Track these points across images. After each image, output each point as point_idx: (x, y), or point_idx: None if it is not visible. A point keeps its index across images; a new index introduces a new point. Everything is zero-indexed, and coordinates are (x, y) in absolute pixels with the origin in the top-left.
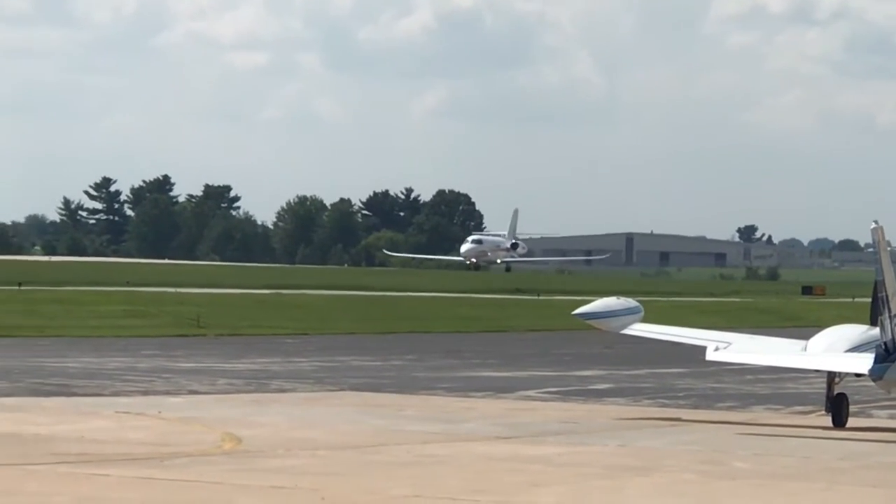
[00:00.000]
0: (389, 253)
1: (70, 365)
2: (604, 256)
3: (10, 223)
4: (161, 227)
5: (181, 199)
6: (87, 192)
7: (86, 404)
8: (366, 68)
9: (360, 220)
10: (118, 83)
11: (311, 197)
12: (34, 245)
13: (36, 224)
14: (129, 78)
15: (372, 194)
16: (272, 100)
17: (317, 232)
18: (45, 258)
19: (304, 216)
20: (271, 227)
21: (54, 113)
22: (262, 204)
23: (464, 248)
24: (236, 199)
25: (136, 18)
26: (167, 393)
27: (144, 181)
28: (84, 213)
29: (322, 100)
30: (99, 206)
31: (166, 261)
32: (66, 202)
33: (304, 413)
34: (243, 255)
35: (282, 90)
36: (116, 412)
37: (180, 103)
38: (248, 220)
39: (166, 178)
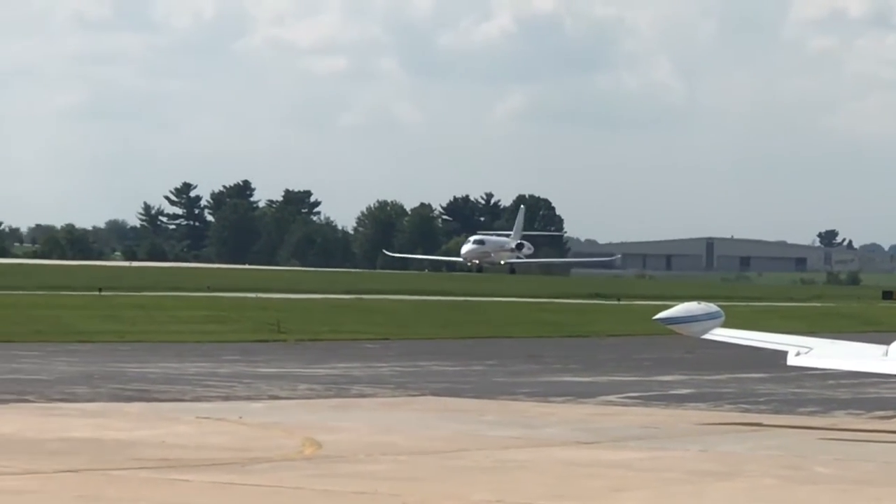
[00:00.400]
0: (388, 253)
1: (151, 370)
2: (615, 257)
3: (90, 228)
4: (241, 233)
5: (261, 204)
6: (167, 198)
7: (166, 409)
8: (446, 73)
9: (440, 225)
10: (198, 88)
11: (391, 202)
12: (115, 250)
13: (116, 229)
14: (209, 83)
15: (452, 199)
16: (352, 105)
17: (397, 237)
18: (126, 263)
19: (384, 221)
20: (351, 232)
21: (135, 118)
22: (342, 209)
23: (464, 248)
24: (316, 204)
25: (216, 24)
26: (248, 398)
27: (225, 186)
28: (164, 219)
29: (402, 104)
30: (179, 211)
31: (246, 266)
32: (147, 207)
33: (384, 418)
34: (323, 260)
35: (361, 95)
36: (197, 417)
37: (260, 108)
38: (329, 226)
39: (246, 183)
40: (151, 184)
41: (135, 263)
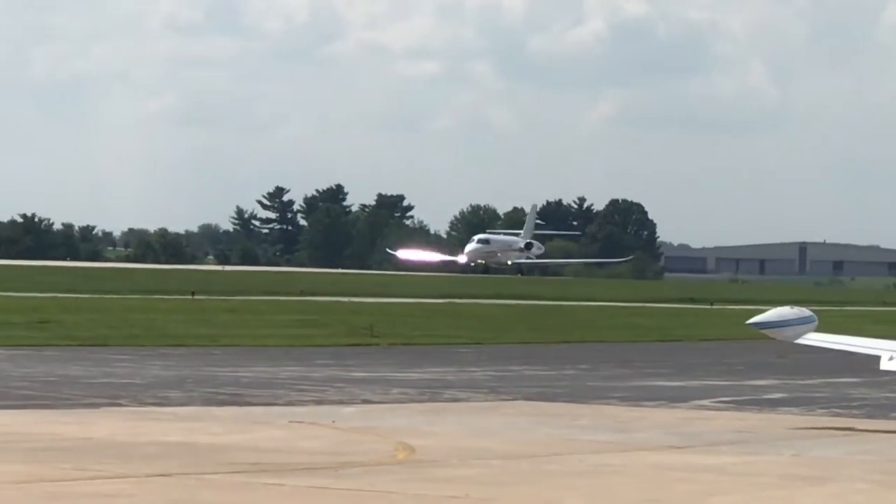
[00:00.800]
0: (391, 252)
1: (243, 374)
2: (629, 258)
3: (183, 232)
4: (334, 237)
5: (354, 208)
6: (259, 202)
7: (259, 414)
8: (538, 77)
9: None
10: (291, 92)
11: (484, 206)
12: (207, 254)
13: (209, 233)
14: (302, 87)
15: (545, 203)
16: (445, 108)
17: None
18: (219, 268)
19: (477, 225)
20: (444, 236)
21: (228, 122)
22: (435, 213)
23: (468, 248)
24: (409, 208)
25: (309, 28)
26: (341, 402)
27: (317, 190)
28: (257, 223)
29: (495, 109)
30: (272, 215)
31: (339, 270)
32: (240, 212)
33: (477, 422)
34: (418, 264)
35: (454, 99)
36: (290, 421)
37: (353, 112)
38: (422, 230)
39: (339, 187)
40: (244, 188)
41: (227, 267)
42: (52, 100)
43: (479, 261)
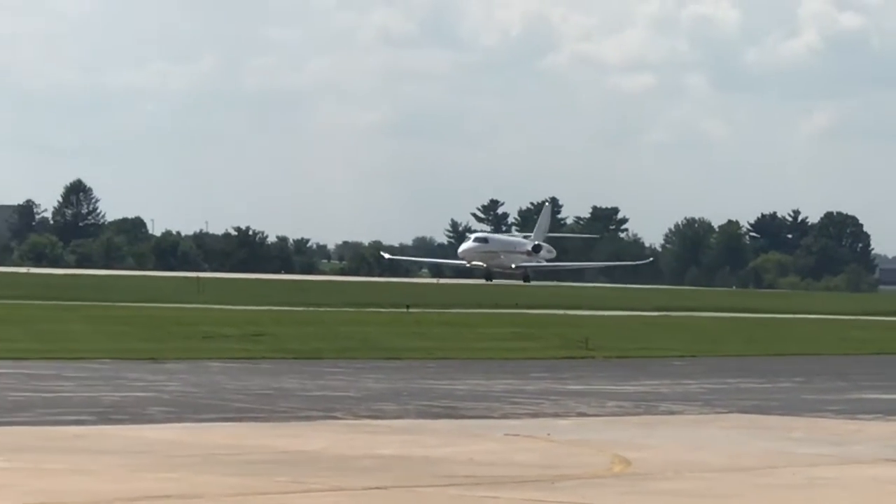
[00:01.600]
0: (387, 256)
1: (458, 387)
2: (648, 261)
3: (398, 245)
4: None
5: (569, 221)
6: (474, 215)
7: (474, 426)
8: (753, 90)
9: (747, 242)
10: (505, 105)
11: (698, 219)
12: (422, 267)
13: (424, 246)
14: (516, 100)
15: (759, 216)
16: (659, 121)
17: (705, 254)
18: (432, 280)
19: (691, 238)
20: (659, 249)
21: (442, 135)
22: (649, 226)
23: (463, 247)
24: (624, 220)
25: (523, 41)
26: (556, 415)
27: (532, 203)
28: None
29: (709, 121)
30: (486, 228)
31: (554, 283)
32: (454, 224)
33: (692, 435)
34: (631, 277)
35: (668, 112)
36: (505, 434)
37: (567, 125)
38: (636, 243)
39: (554, 199)
40: (459, 200)
41: (441, 280)
42: (266, 112)
43: (478, 263)
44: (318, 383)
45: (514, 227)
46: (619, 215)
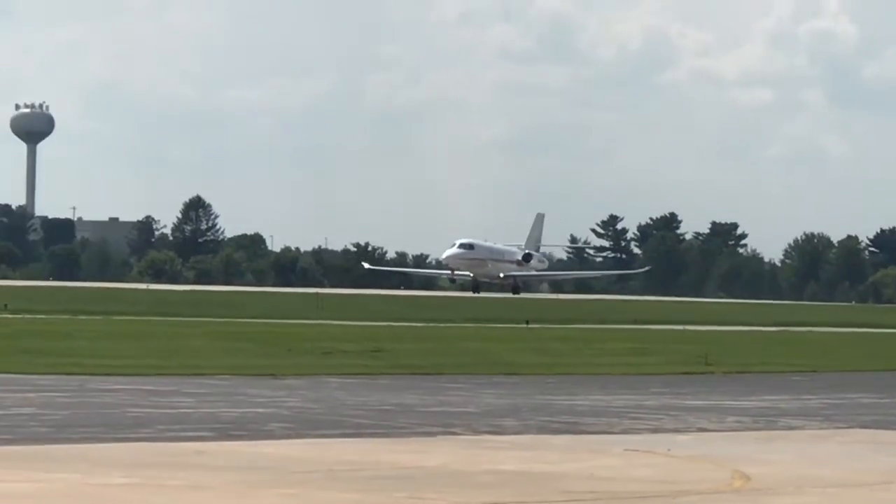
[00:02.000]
0: (368, 266)
1: (578, 402)
2: (645, 269)
3: None
4: (668, 265)
5: (688, 236)
6: (593, 230)
7: (594, 442)
8: (871, 104)
9: (867, 257)
10: (623, 120)
11: (817, 234)
12: (541, 282)
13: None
14: (634, 115)
15: (878, 231)
16: (777, 136)
17: (824, 269)
18: (552, 296)
19: (810, 253)
20: (778, 264)
21: (560, 150)
22: (768, 241)
23: (446, 253)
24: (743, 236)
25: (641, 56)
26: (676, 430)
27: (651, 219)
28: (591, 251)
29: (827, 136)
30: (606, 243)
31: (673, 298)
32: (573, 240)
33: (812, 450)
34: (750, 292)
35: (787, 127)
36: (625, 450)
37: (685, 140)
38: (755, 258)
39: (673, 215)
40: (578, 216)
41: (561, 296)
42: (384, 128)
43: (463, 271)
44: (437, 399)
45: (632, 243)
46: (738, 230)
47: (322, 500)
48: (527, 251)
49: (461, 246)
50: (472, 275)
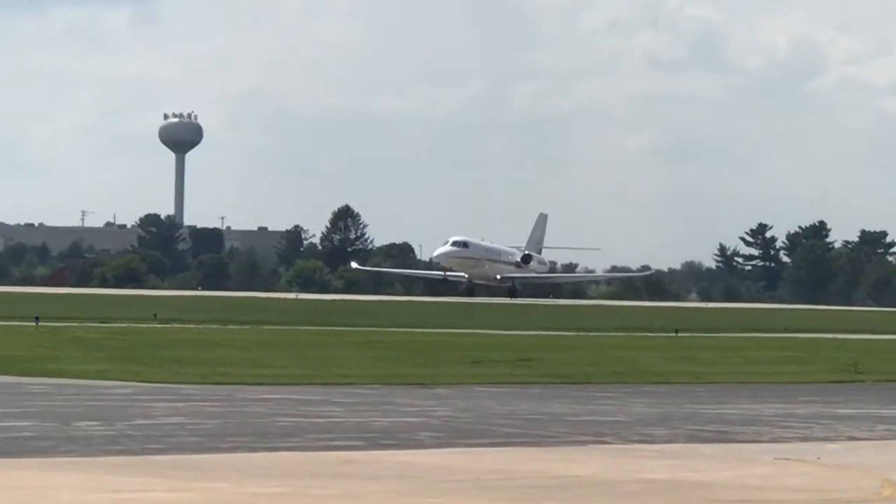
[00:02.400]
0: (356, 266)
1: (727, 411)
2: (649, 272)
3: (666, 270)
4: (817, 274)
5: (837, 244)
6: (742, 239)
7: (744, 450)
8: None
9: None
10: (773, 129)
11: None
12: (690, 292)
13: (692, 271)
14: (784, 123)
15: None
16: None
17: None
18: (702, 305)
19: None
20: None
21: (710, 159)
22: None
23: (437, 251)
24: (892, 244)
25: (790, 64)
26: (826, 439)
27: (800, 227)
28: (740, 260)
29: None
30: (755, 252)
31: (822, 307)
32: (722, 249)
33: None
34: None
35: None
36: (775, 458)
37: (835, 148)
38: None
39: (822, 224)
40: (727, 225)
41: (711, 305)
42: (532, 137)
43: (456, 271)
44: (586, 408)
45: (781, 252)
46: (888, 239)
47: None
48: (526, 252)
49: (454, 244)
50: (466, 276)
